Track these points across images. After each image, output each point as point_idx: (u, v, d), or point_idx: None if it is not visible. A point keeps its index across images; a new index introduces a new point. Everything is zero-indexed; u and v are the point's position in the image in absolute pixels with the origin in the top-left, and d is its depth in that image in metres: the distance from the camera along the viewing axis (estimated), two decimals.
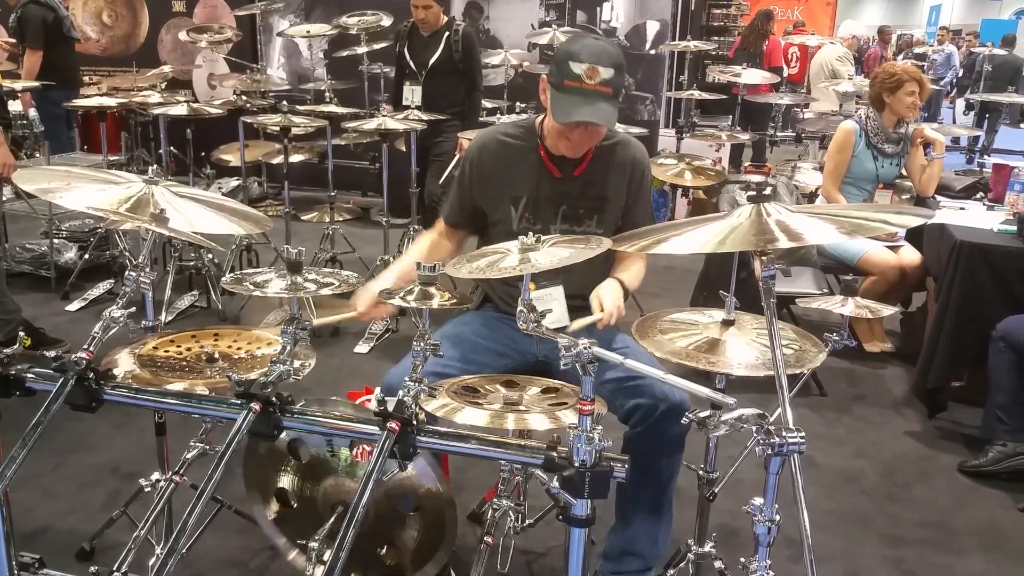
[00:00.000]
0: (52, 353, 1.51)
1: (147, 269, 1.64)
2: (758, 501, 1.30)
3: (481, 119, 4.70)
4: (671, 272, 4.71)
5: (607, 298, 1.86)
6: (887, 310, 2.00)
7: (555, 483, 1.28)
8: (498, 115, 5.27)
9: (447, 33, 4.39)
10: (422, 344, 1.43)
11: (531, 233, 1.43)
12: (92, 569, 1.75)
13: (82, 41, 5.76)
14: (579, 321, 1.80)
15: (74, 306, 4.14)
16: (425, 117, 4.02)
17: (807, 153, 7.10)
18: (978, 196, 3.93)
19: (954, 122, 11.19)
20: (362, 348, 3.73)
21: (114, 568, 1.81)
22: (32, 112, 5.63)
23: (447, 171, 4.11)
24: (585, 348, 1.25)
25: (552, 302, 1.93)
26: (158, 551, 1.95)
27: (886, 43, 12.00)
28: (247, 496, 1.93)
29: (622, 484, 1.29)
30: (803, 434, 1.24)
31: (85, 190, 1.64)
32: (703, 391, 1.30)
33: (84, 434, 2.85)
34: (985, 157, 5.03)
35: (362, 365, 3.59)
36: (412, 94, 4.43)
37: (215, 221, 1.70)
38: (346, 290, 1.60)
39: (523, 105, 4.65)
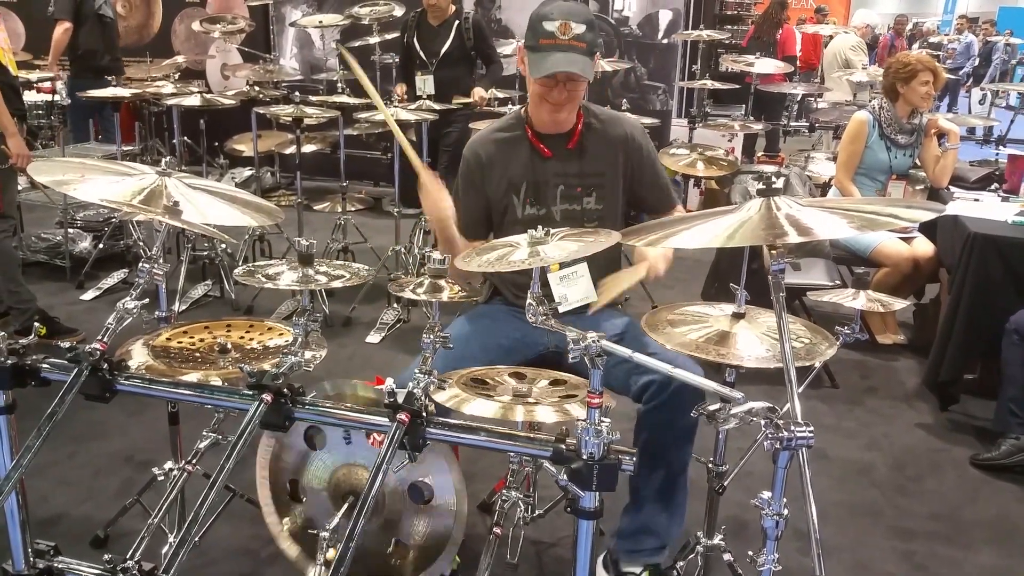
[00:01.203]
0: (67, 344, 1.53)
1: (160, 261, 1.66)
2: (766, 495, 1.30)
3: (490, 109, 4.69)
4: (682, 263, 4.67)
5: (649, 251, 1.88)
6: (899, 304, 1.98)
7: (563, 475, 1.29)
8: (509, 106, 5.25)
9: (457, 22, 4.39)
10: (432, 336, 1.44)
11: (540, 227, 1.43)
12: (106, 557, 1.77)
13: (115, 22, 5.59)
14: (622, 283, 1.83)
15: (89, 295, 4.18)
16: (436, 107, 4.02)
17: (820, 143, 7.04)
18: (993, 187, 3.89)
19: (969, 111, 11.08)
20: (373, 338, 3.75)
21: (127, 556, 1.84)
22: (59, 86, 5.56)
23: None
24: (593, 342, 1.25)
25: (578, 279, 1.95)
26: (171, 539, 1.97)
27: (900, 33, 11.78)
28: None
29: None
30: (811, 428, 1.24)
31: (99, 182, 1.66)
32: (712, 386, 1.30)
33: (98, 422, 2.88)
34: (1001, 148, 4.97)
35: (373, 355, 3.61)
36: (425, 83, 4.43)
37: (228, 213, 1.71)
38: (357, 282, 1.61)
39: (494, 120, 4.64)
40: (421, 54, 4.47)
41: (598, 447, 1.26)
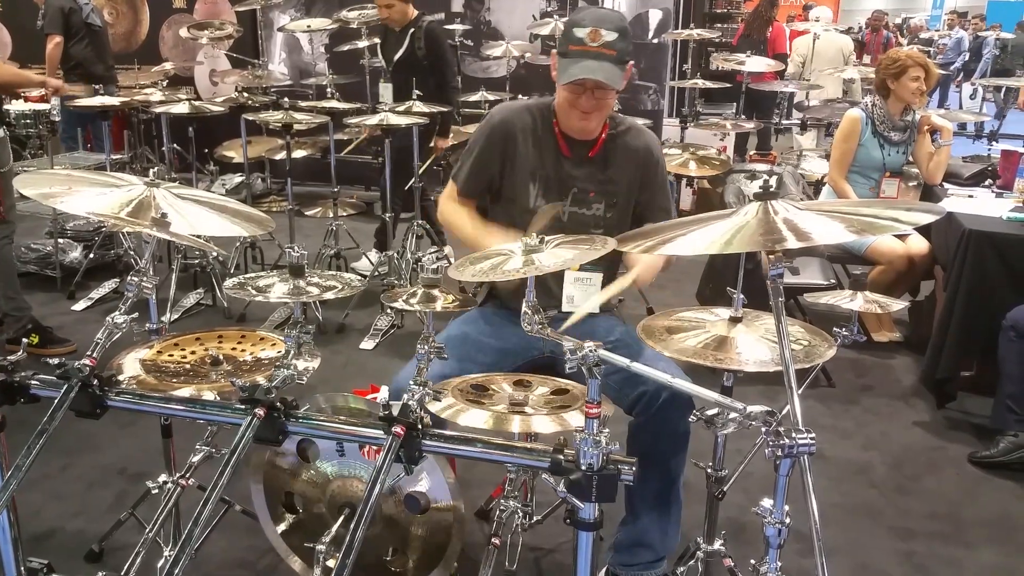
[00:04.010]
0: (56, 360, 1.51)
1: (149, 273, 1.64)
2: (767, 503, 1.28)
3: (484, 112, 4.66)
4: (676, 264, 4.66)
5: (639, 262, 1.88)
6: (896, 304, 1.97)
7: (562, 487, 1.27)
8: None
9: (412, 29, 4.33)
10: (426, 347, 1.42)
11: (535, 235, 1.42)
12: (100, 574, 1.76)
13: (105, 29, 5.57)
14: (610, 289, 1.82)
15: (80, 305, 4.14)
16: (425, 110, 3.99)
17: (797, 139, 7.00)
18: (986, 183, 3.89)
19: (960, 107, 11.10)
20: (368, 344, 3.73)
21: (123, 572, 1.82)
22: (54, 101, 5.55)
23: (421, 169, 4.07)
24: (591, 351, 1.24)
25: (590, 287, 1.93)
26: (167, 553, 1.95)
27: (876, 29, 11.48)
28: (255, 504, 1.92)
29: None
30: (813, 435, 1.23)
31: (86, 194, 1.63)
32: (710, 395, 1.28)
33: (91, 435, 2.85)
34: (993, 143, 4.97)
35: (368, 362, 3.58)
36: (385, 92, 4.40)
37: (217, 223, 1.68)
38: (349, 293, 1.59)
39: (525, 98, 4.61)
40: (382, 61, 4.45)
41: (597, 458, 1.24)
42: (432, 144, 4.40)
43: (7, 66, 3.35)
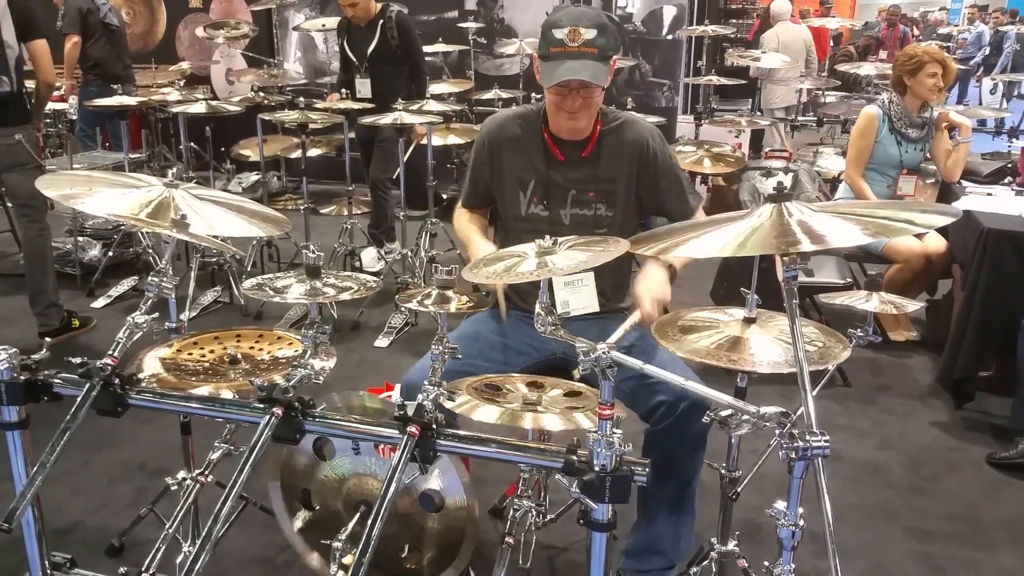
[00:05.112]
0: (78, 359, 1.53)
1: (169, 273, 1.66)
2: (781, 505, 1.28)
3: (496, 110, 4.67)
4: (690, 264, 4.66)
5: (645, 296, 1.85)
6: (912, 305, 1.96)
7: (575, 487, 1.28)
8: (513, 106, 5.24)
9: (382, 21, 4.33)
10: (440, 347, 1.43)
11: (548, 236, 1.42)
12: (121, 570, 1.78)
13: (122, 29, 5.62)
14: (618, 332, 1.78)
15: (99, 303, 4.19)
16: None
17: (772, 136, 6.89)
18: (1006, 181, 3.84)
19: (980, 103, 10.96)
20: (382, 342, 3.75)
21: (143, 567, 1.85)
22: (72, 100, 5.61)
23: (406, 155, 4.07)
24: (604, 353, 1.24)
25: (583, 287, 1.92)
26: (185, 548, 1.98)
27: (892, 25, 11.26)
28: (271, 502, 1.95)
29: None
30: (827, 437, 1.22)
31: (107, 195, 1.66)
32: (724, 398, 1.28)
33: (112, 431, 2.88)
34: (1013, 140, 4.92)
35: (382, 360, 3.60)
36: (363, 87, 4.42)
37: (235, 223, 1.71)
38: (365, 294, 1.60)
39: (539, 96, 4.62)
40: (352, 57, 4.45)
41: (610, 459, 1.25)
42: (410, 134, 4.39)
43: (54, 72, 3.45)
